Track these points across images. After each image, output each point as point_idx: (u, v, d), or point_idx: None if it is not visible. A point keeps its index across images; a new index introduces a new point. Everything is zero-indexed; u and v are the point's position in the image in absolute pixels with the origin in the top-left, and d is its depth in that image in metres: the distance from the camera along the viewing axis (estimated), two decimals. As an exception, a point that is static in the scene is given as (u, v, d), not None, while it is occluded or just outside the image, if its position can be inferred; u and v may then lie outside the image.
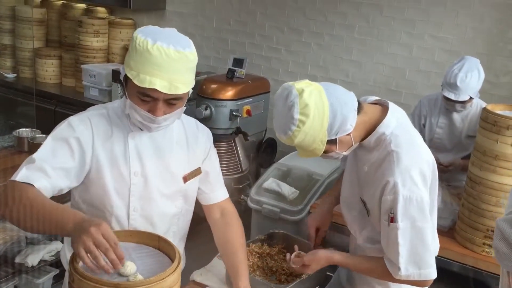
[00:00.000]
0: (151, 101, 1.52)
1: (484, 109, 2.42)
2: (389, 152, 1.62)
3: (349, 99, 1.61)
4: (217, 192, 1.87)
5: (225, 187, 1.91)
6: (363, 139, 1.68)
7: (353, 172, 1.82)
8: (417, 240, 1.61)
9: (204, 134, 1.82)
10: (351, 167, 1.84)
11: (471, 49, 3.57)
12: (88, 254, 1.27)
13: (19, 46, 4.84)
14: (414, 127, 1.77)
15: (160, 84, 1.46)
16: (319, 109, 1.54)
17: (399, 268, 1.63)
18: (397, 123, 1.66)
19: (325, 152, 1.63)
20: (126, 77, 1.53)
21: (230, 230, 1.86)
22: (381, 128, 1.64)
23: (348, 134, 1.61)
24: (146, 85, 1.46)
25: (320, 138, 1.57)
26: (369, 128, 1.66)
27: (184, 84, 1.51)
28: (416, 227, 1.60)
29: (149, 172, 1.65)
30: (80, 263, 1.30)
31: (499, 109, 2.45)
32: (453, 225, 2.64)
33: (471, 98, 2.90)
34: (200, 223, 1.98)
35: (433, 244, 1.69)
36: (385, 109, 1.68)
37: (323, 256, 1.84)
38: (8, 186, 1.49)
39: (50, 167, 1.52)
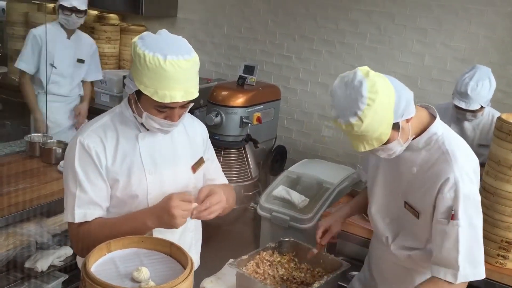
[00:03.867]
0: (168, 110, 1.57)
1: (499, 118, 2.39)
2: (444, 151, 1.64)
3: (407, 88, 1.64)
4: (218, 180, 1.92)
5: (224, 175, 1.97)
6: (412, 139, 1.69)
7: (392, 178, 1.80)
8: (473, 238, 1.61)
9: (200, 124, 1.89)
10: (388, 174, 1.82)
11: (483, 58, 3.55)
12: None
13: (32, 52, 4.87)
14: None
15: (179, 95, 1.51)
16: (385, 89, 1.55)
17: (458, 268, 1.58)
18: (444, 127, 1.70)
19: (387, 141, 1.60)
20: (138, 91, 1.56)
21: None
22: (433, 128, 1.66)
23: (409, 121, 1.61)
24: (168, 100, 1.51)
25: (387, 121, 1.55)
26: (417, 127, 1.67)
27: (196, 88, 1.57)
28: (473, 225, 1.60)
29: (162, 168, 1.70)
30: (92, 268, 1.29)
31: (513, 119, 2.41)
32: (466, 235, 2.60)
33: (482, 107, 2.88)
34: (210, 231, 1.97)
35: None
36: (432, 114, 1.72)
37: None
38: (73, 231, 1.64)
39: (94, 195, 1.61)
